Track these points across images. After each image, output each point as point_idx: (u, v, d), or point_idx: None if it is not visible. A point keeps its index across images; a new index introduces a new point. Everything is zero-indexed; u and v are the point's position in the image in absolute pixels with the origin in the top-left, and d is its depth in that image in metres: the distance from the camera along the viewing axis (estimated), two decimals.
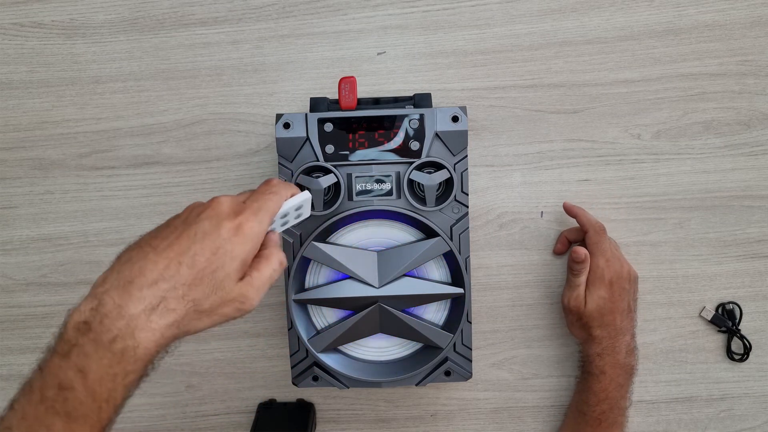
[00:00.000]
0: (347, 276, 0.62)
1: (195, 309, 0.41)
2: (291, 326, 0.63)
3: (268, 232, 0.46)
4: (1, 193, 0.72)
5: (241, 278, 0.43)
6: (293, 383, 0.65)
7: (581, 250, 0.64)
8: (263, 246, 0.46)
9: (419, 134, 0.61)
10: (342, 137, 0.61)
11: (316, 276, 0.64)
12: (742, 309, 0.72)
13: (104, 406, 0.38)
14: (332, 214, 0.61)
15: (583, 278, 0.65)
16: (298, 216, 0.53)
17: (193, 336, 0.75)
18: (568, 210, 0.69)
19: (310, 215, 0.58)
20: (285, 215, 0.50)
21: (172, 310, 0.40)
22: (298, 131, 0.61)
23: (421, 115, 0.60)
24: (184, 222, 0.44)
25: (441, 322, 0.64)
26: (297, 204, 0.50)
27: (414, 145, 0.61)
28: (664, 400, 0.74)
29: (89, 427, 0.38)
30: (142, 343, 0.39)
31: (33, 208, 0.73)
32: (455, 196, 0.61)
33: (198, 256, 0.41)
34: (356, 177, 0.61)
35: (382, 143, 0.61)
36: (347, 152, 0.61)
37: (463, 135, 0.61)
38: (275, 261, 0.46)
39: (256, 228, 0.44)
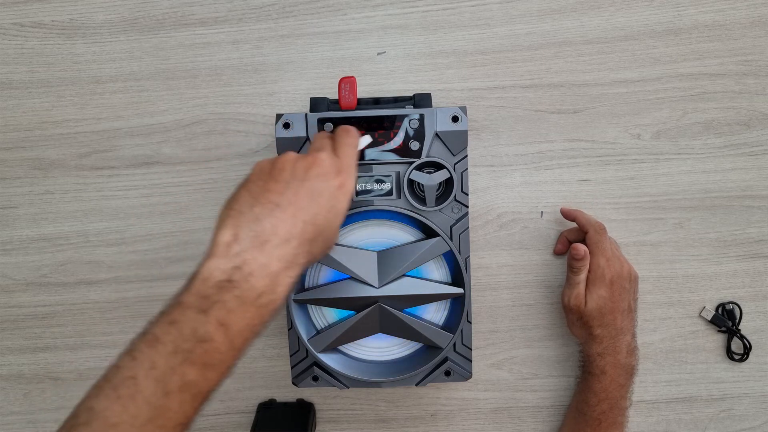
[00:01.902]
0: (347, 276, 0.62)
1: (309, 260, 0.45)
2: (291, 326, 0.63)
3: None
4: (1, 193, 0.72)
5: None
6: (293, 383, 0.65)
7: (581, 247, 0.64)
8: None
9: (419, 134, 0.61)
10: None
11: (316, 276, 0.64)
12: (742, 309, 0.72)
13: (237, 354, 0.41)
14: None
15: (582, 276, 0.65)
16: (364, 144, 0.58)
17: None
18: (566, 214, 0.69)
19: None
20: None
21: (299, 264, 0.44)
22: (298, 131, 0.61)
23: (421, 115, 0.60)
24: (294, 177, 0.45)
25: (441, 322, 0.64)
26: (364, 146, 0.56)
27: (414, 145, 0.61)
28: (664, 400, 0.74)
29: (220, 372, 0.41)
30: (279, 297, 0.42)
31: (33, 208, 0.73)
32: (455, 196, 0.61)
33: (319, 215, 0.45)
34: (356, 177, 0.61)
35: (382, 143, 0.61)
36: None
37: (463, 135, 0.61)
38: None
39: (353, 184, 0.48)
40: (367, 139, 0.57)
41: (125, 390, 0.39)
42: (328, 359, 0.64)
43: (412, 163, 0.61)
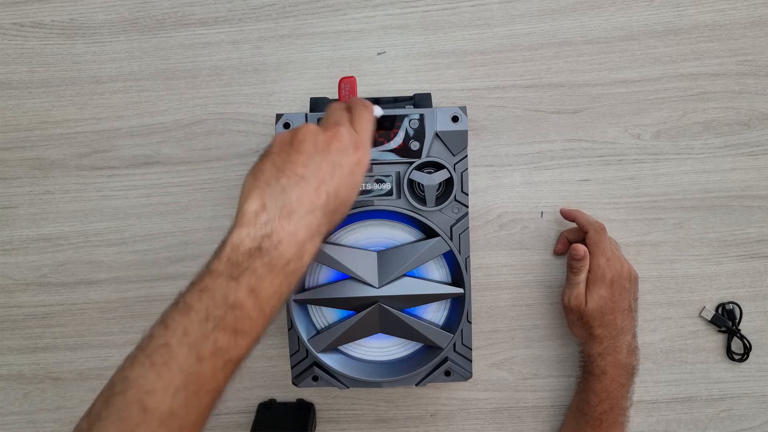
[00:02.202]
0: (347, 276, 0.62)
1: (329, 231, 0.47)
2: (291, 326, 0.63)
3: None
4: (1, 193, 0.72)
5: None
6: (293, 383, 0.65)
7: (580, 247, 0.64)
8: None
9: (419, 134, 0.61)
10: None
11: (316, 276, 0.64)
12: (742, 309, 0.72)
13: (266, 320, 0.43)
14: None
15: (582, 276, 0.65)
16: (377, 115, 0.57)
17: None
18: (566, 215, 0.69)
19: None
20: None
21: (322, 234, 0.45)
22: None
23: (421, 115, 0.60)
24: (316, 150, 0.46)
25: (441, 322, 0.64)
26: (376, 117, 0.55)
27: (414, 145, 0.61)
28: (664, 400, 0.74)
29: (251, 338, 0.42)
30: (306, 264, 0.44)
31: (33, 208, 0.73)
32: (455, 196, 0.61)
33: (341, 188, 0.46)
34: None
35: (382, 143, 0.61)
36: None
37: (463, 135, 0.61)
38: None
39: (368, 160, 0.49)
40: (380, 110, 0.57)
41: (159, 357, 0.39)
42: (328, 359, 0.64)
43: (412, 163, 0.61)
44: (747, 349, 0.72)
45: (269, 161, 0.46)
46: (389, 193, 0.61)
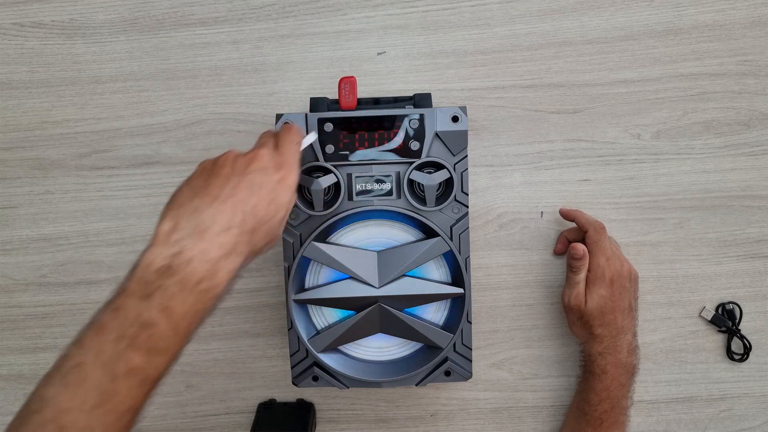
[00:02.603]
0: (347, 276, 0.62)
1: (252, 251, 0.47)
2: (291, 326, 0.63)
3: None
4: (1, 193, 0.72)
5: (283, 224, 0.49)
6: (293, 383, 0.65)
7: (580, 247, 0.64)
8: None
9: (419, 134, 0.61)
10: (342, 137, 0.61)
11: (316, 276, 0.64)
12: (742, 309, 0.72)
13: (182, 339, 0.43)
14: (332, 214, 0.61)
15: (582, 275, 0.65)
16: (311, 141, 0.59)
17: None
18: (565, 215, 0.69)
19: (303, 216, 0.59)
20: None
21: (240, 253, 0.45)
22: None
23: (421, 115, 0.60)
24: (234, 172, 0.47)
25: (441, 322, 0.64)
26: (311, 142, 0.57)
27: (414, 145, 0.61)
28: (664, 400, 0.74)
29: (167, 358, 0.42)
30: (221, 283, 0.44)
31: (33, 208, 0.73)
32: (455, 196, 0.61)
33: (258, 206, 0.46)
34: (356, 177, 0.61)
35: (382, 143, 0.61)
36: (347, 152, 0.61)
37: (463, 135, 0.61)
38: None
39: (294, 179, 0.50)
40: (312, 137, 0.58)
41: (73, 377, 0.39)
42: (328, 359, 0.63)
43: (412, 163, 0.61)
44: (747, 349, 0.72)
45: (187, 186, 0.47)
46: (389, 193, 0.61)
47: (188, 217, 0.44)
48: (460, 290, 0.62)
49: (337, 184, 0.61)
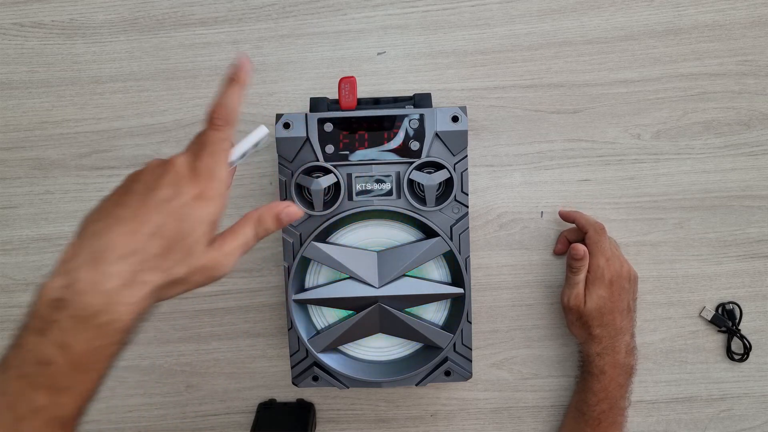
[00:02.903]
0: (347, 276, 0.62)
1: (168, 278, 0.41)
2: (291, 326, 0.63)
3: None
4: (1, 193, 0.72)
5: (211, 243, 0.43)
6: (293, 383, 0.65)
7: (580, 247, 0.64)
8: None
9: (419, 134, 0.61)
10: (342, 137, 0.61)
11: (316, 276, 0.64)
12: (742, 309, 0.72)
13: (88, 377, 0.39)
14: (332, 214, 0.61)
15: (582, 276, 0.65)
16: (257, 146, 0.50)
17: (193, 336, 0.75)
18: (565, 216, 0.69)
19: (303, 216, 0.58)
20: (243, 154, 0.48)
21: (146, 282, 0.40)
22: (298, 131, 0.61)
23: (421, 115, 0.60)
24: (145, 187, 0.42)
25: (441, 322, 0.64)
26: (254, 142, 0.48)
27: (414, 145, 0.61)
28: (664, 400, 0.74)
29: (74, 397, 0.39)
30: (122, 317, 0.39)
31: (33, 208, 0.73)
32: (455, 196, 0.61)
33: (165, 226, 0.41)
34: (356, 177, 0.61)
35: (382, 143, 0.61)
36: (347, 152, 0.61)
37: (463, 135, 0.61)
38: (242, 234, 0.45)
39: (216, 187, 0.43)
40: (256, 136, 0.48)
41: None
42: (328, 359, 0.64)
43: (412, 163, 0.61)
44: (747, 349, 0.72)
45: (101, 204, 0.43)
46: (389, 193, 0.61)
47: (88, 242, 0.40)
48: (460, 290, 0.62)
49: (337, 184, 0.61)
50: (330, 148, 0.61)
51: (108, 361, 0.40)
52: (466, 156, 0.61)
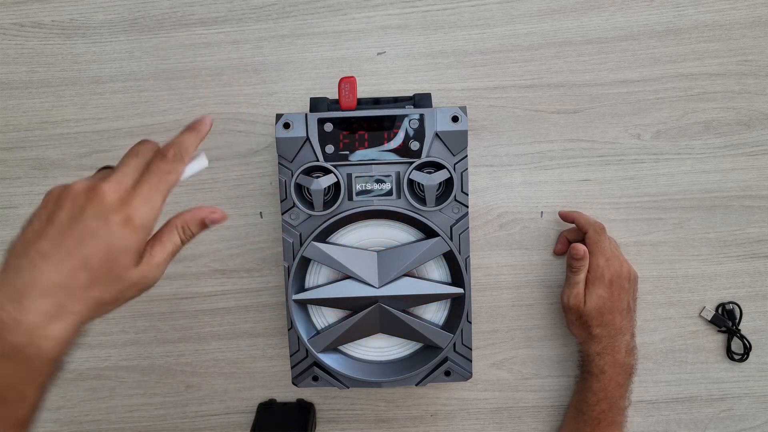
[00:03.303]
0: (347, 276, 0.62)
1: (96, 304, 0.41)
2: (291, 326, 0.63)
3: None
4: (1, 193, 0.72)
5: (139, 260, 0.43)
6: (293, 383, 0.65)
7: (580, 247, 0.64)
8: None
9: (419, 134, 0.61)
10: (342, 137, 0.61)
11: (316, 276, 0.64)
12: (742, 309, 0.72)
13: (17, 407, 0.39)
14: (332, 214, 0.61)
15: (582, 276, 0.65)
16: (197, 170, 0.49)
17: (193, 336, 0.75)
18: (565, 217, 0.69)
19: (303, 216, 0.58)
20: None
21: (73, 313, 0.40)
22: (298, 131, 0.61)
23: (421, 115, 0.60)
24: (68, 217, 0.41)
25: (441, 322, 0.64)
26: (195, 172, 0.47)
27: (414, 145, 0.61)
28: (664, 400, 0.74)
29: (5, 427, 0.39)
30: (45, 349, 0.39)
31: (33, 208, 0.72)
32: (455, 196, 0.61)
33: (90, 258, 0.40)
34: (356, 177, 0.61)
35: (382, 143, 0.61)
36: (347, 152, 0.61)
37: (463, 135, 0.61)
38: (169, 243, 0.45)
39: (147, 215, 0.42)
40: (197, 165, 0.48)
41: None
42: (328, 359, 0.64)
43: (412, 163, 0.61)
44: (747, 349, 0.72)
45: (23, 233, 0.42)
46: (389, 193, 0.61)
47: (11, 277, 0.39)
48: (460, 290, 0.62)
49: (337, 184, 0.61)
50: (330, 148, 0.61)
51: (38, 390, 0.40)
52: (466, 156, 0.61)
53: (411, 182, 0.61)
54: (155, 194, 0.43)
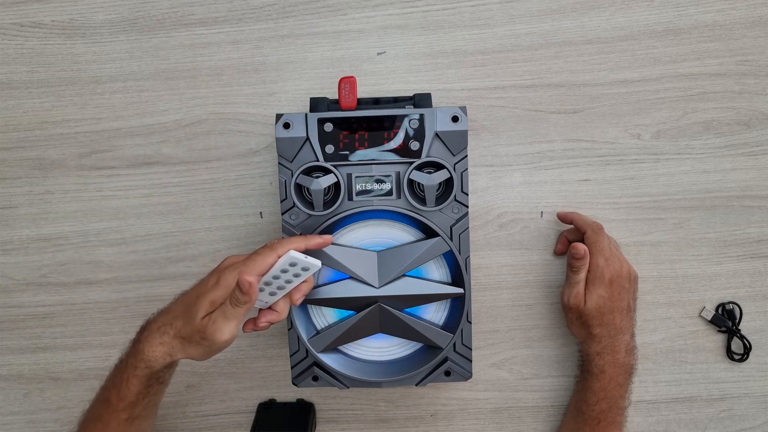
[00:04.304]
0: (347, 276, 0.62)
1: (178, 334, 0.55)
2: (291, 326, 0.63)
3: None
4: (1, 193, 0.72)
5: (205, 316, 0.54)
6: (293, 383, 0.65)
7: (580, 246, 0.64)
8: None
9: (419, 134, 0.61)
10: (342, 137, 0.61)
11: (316, 276, 0.64)
12: (742, 309, 0.72)
13: (124, 384, 0.57)
14: (332, 214, 0.61)
15: (582, 275, 0.65)
16: (298, 275, 0.55)
17: None
18: (563, 218, 0.70)
19: (303, 216, 0.58)
20: (277, 276, 0.54)
21: (165, 333, 0.56)
22: (298, 131, 0.61)
23: (421, 115, 0.60)
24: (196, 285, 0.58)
25: (441, 322, 0.64)
26: (287, 262, 0.53)
27: (414, 145, 0.61)
28: (664, 400, 0.74)
29: (116, 395, 0.57)
30: (145, 350, 0.56)
31: (33, 208, 0.73)
32: (455, 196, 0.61)
33: (187, 296, 0.56)
34: (356, 177, 0.61)
35: (382, 143, 0.61)
36: (347, 152, 0.61)
37: (463, 135, 0.61)
38: (226, 328, 0.53)
39: (229, 279, 0.53)
40: (292, 255, 0.53)
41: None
42: (328, 359, 0.64)
43: (412, 163, 0.61)
44: (747, 349, 0.72)
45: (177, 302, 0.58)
46: (389, 193, 0.61)
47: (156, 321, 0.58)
48: (460, 290, 0.62)
49: (337, 184, 0.61)
50: (330, 148, 0.61)
51: (137, 382, 0.57)
52: (466, 156, 0.61)
53: (411, 182, 0.61)
54: (244, 265, 0.54)
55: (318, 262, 0.54)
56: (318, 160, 0.61)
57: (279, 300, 0.56)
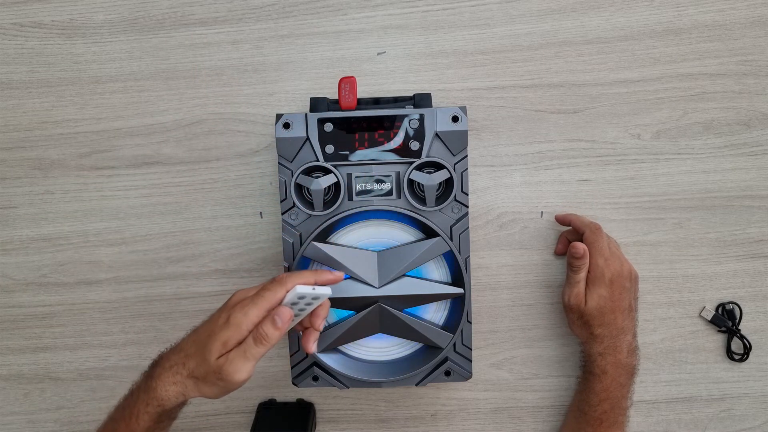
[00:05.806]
0: (347, 276, 0.62)
1: (191, 374, 0.54)
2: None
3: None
4: (1, 193, 0.72)
5: (219, 356, 0.52)
6: (293, 383, 0.65)
7: (580, 245, 0.64)
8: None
9: (419, 134, 0.61)
10: (342, 137, 0.61)
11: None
12: (742, 309, 0.72)
13: (134, 419, 0.55)
14: (332, 214, 0.61)
15: (582, 275, 0.65)
16: (309, 304, 0.55)
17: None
18: (561, 220, 0.70)
19: (303, 217, 0.58)
20: (294, 303, 0.53)
21: (178, 373, 0.54)
22: (298, 131, 0.61)
23: (421, 115, 0.60)
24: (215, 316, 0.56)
25: (441, 322, 0.64)
26: (295, 296, 0.52)
27: (414, 145, 0.61)
28: (664, 400, 0.74)
29: (124, 428, 0.56)
30: (158, 389, 0.55)
31: (33, 208, 0.73)
32: (455, 196, 0.61)
33: (198, 334, 0.55)
34: (356, 177, 0.61)
35: (382, 143, 0.61)
36: (347, 152, 0.61)
37: (463, 135, 0.61)
38: (244, 368, 0.52)
39: (239, 318, 0.52)
40: (301, 289, 0.53)
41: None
42: (328, 359, 0.64)
43: (412, 163, 0.61)
44: (747, 349, 0.72)
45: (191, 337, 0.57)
46: (389, 193, 0.61)
47: (168, 359, 0.57)
48: (460, 290, 0.62)
49: (337, 184, 0.61)
50: (330, 148, 0.61)
51: (148, 418, 0.56)
52: (466, 156, 0.61)
53: (411, 182, 0.61)
54: (253, 304, 0.53)
55: (328, 291, 0.53)
56: (318, 160, 0.61)
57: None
